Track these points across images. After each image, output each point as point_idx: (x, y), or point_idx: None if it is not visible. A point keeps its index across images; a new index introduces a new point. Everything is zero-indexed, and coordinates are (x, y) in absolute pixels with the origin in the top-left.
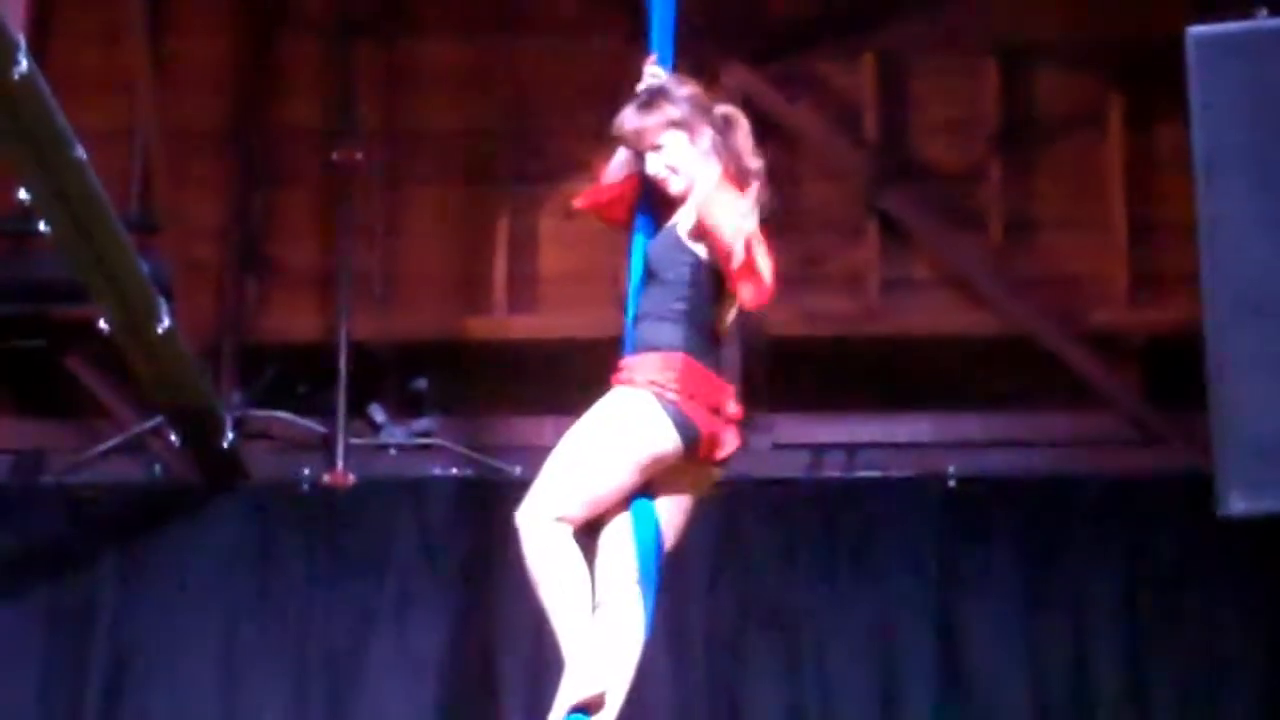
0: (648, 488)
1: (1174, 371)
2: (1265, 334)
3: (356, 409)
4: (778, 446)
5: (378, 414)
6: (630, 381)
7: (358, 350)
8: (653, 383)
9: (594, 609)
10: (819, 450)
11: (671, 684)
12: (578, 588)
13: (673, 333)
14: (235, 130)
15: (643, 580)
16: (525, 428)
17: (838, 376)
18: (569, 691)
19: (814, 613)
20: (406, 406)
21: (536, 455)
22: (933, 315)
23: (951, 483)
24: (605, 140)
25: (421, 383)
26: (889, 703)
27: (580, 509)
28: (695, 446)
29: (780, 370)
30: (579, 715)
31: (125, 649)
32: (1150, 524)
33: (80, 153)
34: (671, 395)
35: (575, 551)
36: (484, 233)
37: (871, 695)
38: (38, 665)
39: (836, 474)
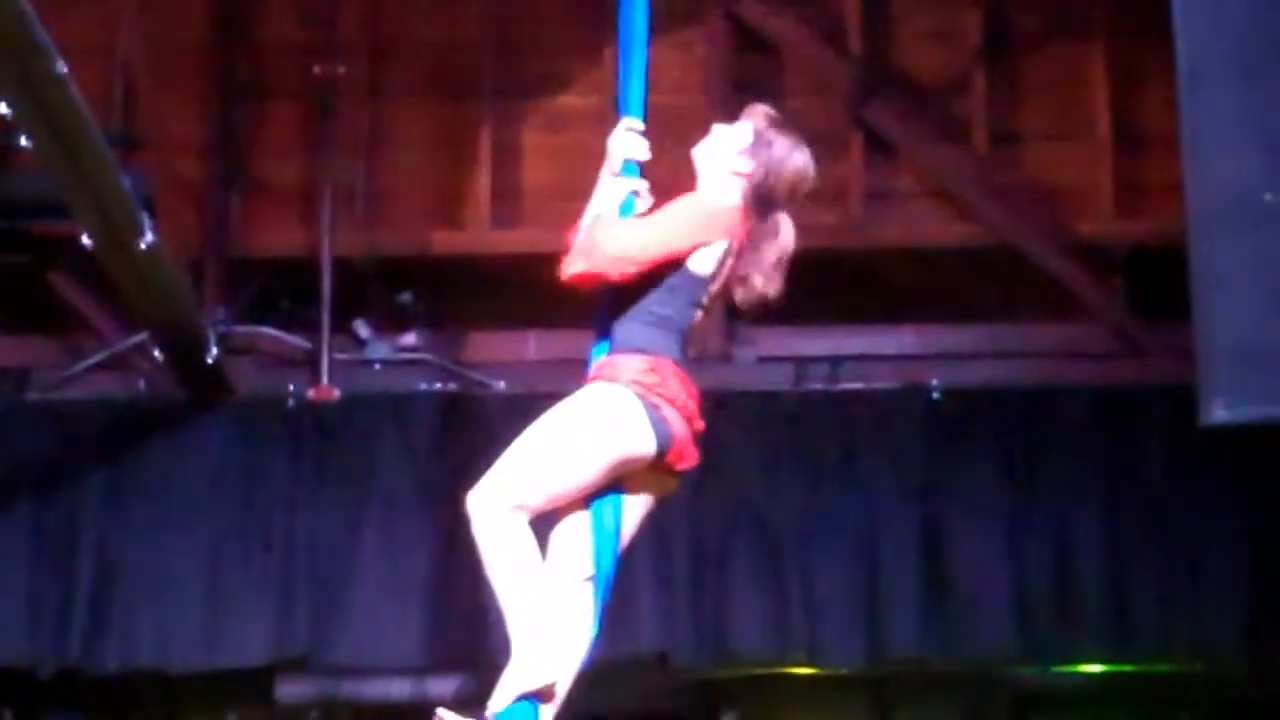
0: (612, 487)
1: (1158, 282)
2: (1248, 242)
3: (341, 324)
4: (761, 359)
5: (362, 329)
6: (612, 379)
7: (342, 265)
8: (637, 383)
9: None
10: (803, 363)
11: (655, 595)
12: (532, 577)
13: (658, 337)
14: (217, 45)
15: (596, 579)
16: (509, 342)
17: (821, 289)
18: (519, 679)
19: (798, 524)
20: (391, 321)
21: (520, 370)
22: (917, 227)
23: (935, 394)
24: (587, 54)
25: (406, 297)
26: (873, 612)
27: (542, 500)
28: (667, 453)
29: None
30: (529, 703)
31: (111, 564)
32: (1133, 434)
33: (61, 67)
34: (655, 398)
35: (531, 540)
36: (467, 147)
37: (855, 605)
38: (24, 581)
39: (820, 386)
